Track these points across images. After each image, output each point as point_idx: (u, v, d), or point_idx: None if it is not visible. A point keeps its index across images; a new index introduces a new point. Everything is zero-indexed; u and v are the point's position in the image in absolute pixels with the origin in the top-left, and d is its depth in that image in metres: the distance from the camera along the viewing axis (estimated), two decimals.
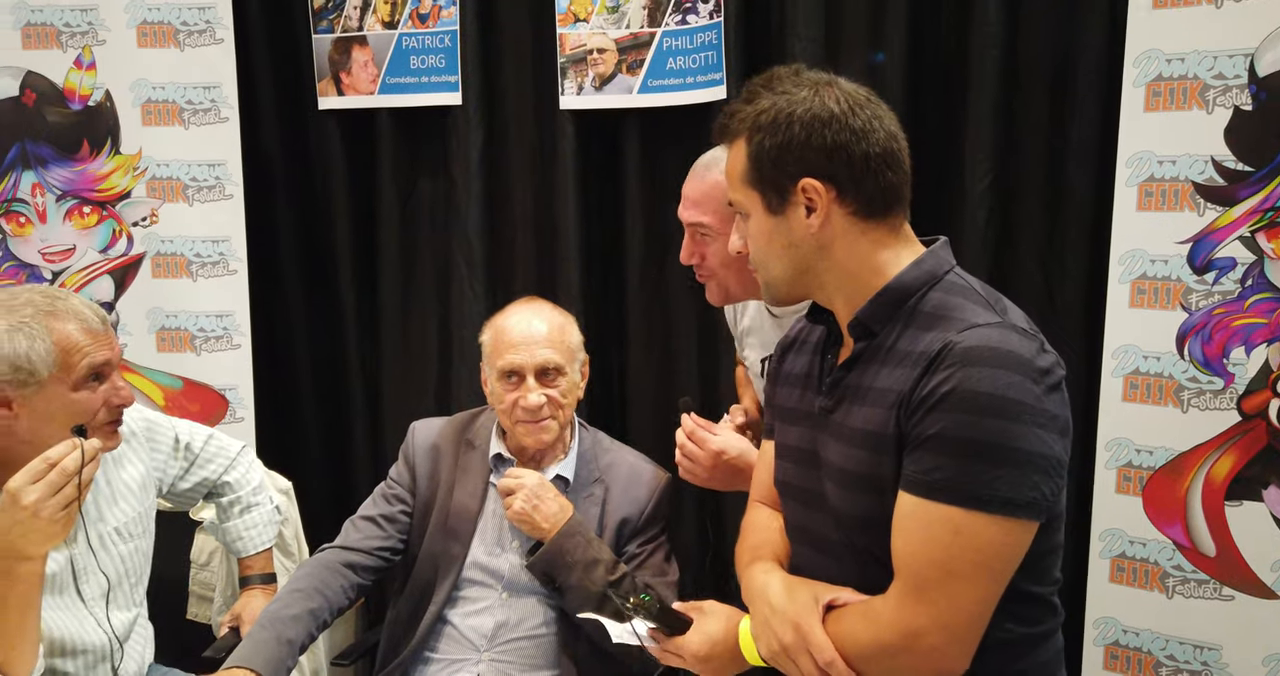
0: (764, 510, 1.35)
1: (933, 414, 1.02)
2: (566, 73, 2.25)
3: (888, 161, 1.10)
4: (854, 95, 1.11)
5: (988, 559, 1.02)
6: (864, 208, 1.10)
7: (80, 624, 1.51)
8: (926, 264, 1.12)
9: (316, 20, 2.38)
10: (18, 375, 1.36)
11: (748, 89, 1.15)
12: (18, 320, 1.37)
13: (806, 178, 1.09)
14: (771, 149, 1.10)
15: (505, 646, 1.68)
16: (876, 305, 1.11)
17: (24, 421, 1.39)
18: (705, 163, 1.54)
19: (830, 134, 1.08)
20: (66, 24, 2.39)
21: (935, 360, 1.03)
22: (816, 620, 1.09)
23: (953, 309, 1.07)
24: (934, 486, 1.02)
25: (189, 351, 2.44)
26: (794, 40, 2.10)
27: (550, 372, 1.68)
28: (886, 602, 1.06)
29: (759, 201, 1.14)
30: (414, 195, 2.47)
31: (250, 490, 1.84)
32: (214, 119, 2.38)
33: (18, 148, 2.45)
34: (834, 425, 1.15)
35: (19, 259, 2.49)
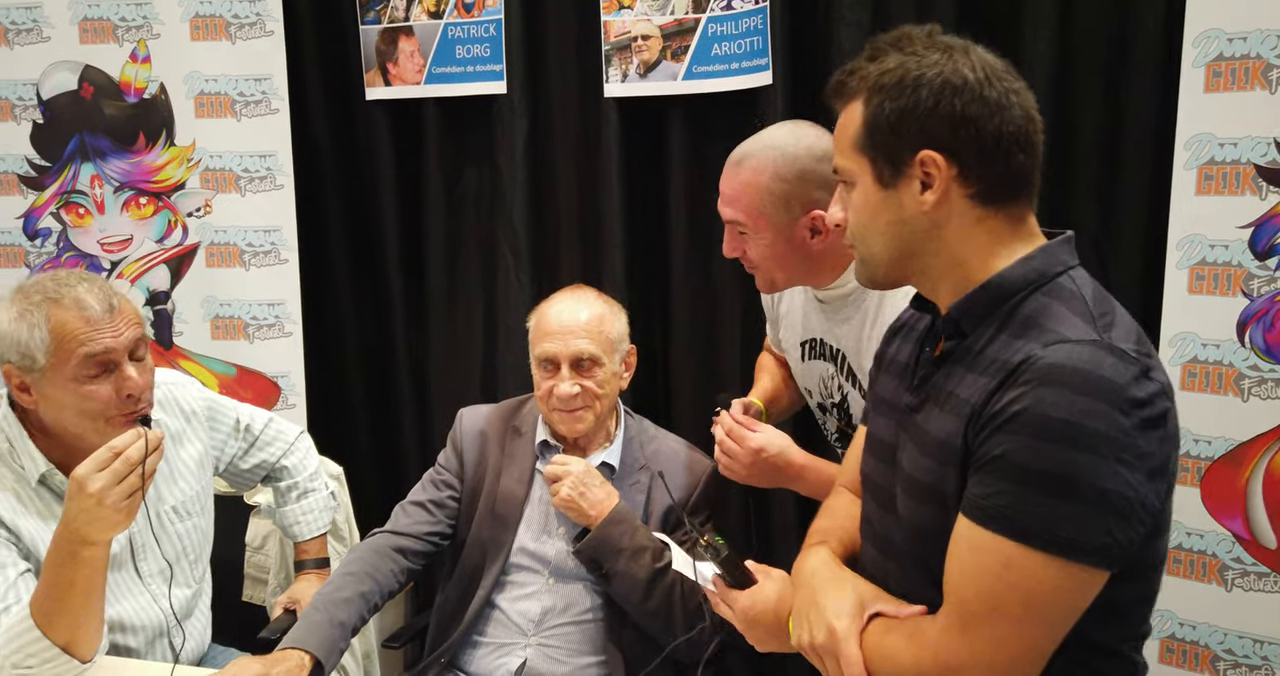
0: (846, 496, 1.29)
1: (999, 434, 0.92)
2: (610, 60, 2.25)
3: (1020, 142, 0.98)
4: (992, 65, 0.99)
5: (1039, 602, 0.92)
6: (986, 190, 0.98)
7: (138, 601, 1.56)
8: (1035, 262, 0.99)
9: (363, 11, 2.40)
10: (24, 361, 1.39)
11: (873, 46, 1.03)
12: (26, 306, 1.39)
13: (927, 149, 0.97)
14: (892, 113, 0.98)
15: (552, 631, 1.70)
16: (971, 302, 1.01)
17: (42, 407, 1.42)
18: (737, 157, 1.51)
19: (960, 103, 0.96)
20: (122, 18, 2.44)
21: (1013, 374, 0.92)
22: (855, 629, 1.03)
23: (1049, 317, 0.96)
24: (989, 513, 0.93)
25: (242, 339, 2.49)
26: (840, 23, 2.07)
27: (585, 363, 1.68)
28: (933, 626, 0.98)
29: (869, 170, 1.02)
30: (460, 184, 2.48)
31: (307, 475, 1.87)
32: (265, 110, 2.41)
33: (77, 140, 2.51)
34: (914, 427, 1.07)
35: (79, 249, 2.56)
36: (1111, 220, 2.01)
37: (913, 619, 1.02)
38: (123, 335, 1.42)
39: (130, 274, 2.51)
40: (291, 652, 1.45)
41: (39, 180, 2.55)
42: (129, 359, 1.43)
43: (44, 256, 2.57)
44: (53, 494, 1.46)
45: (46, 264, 2.57)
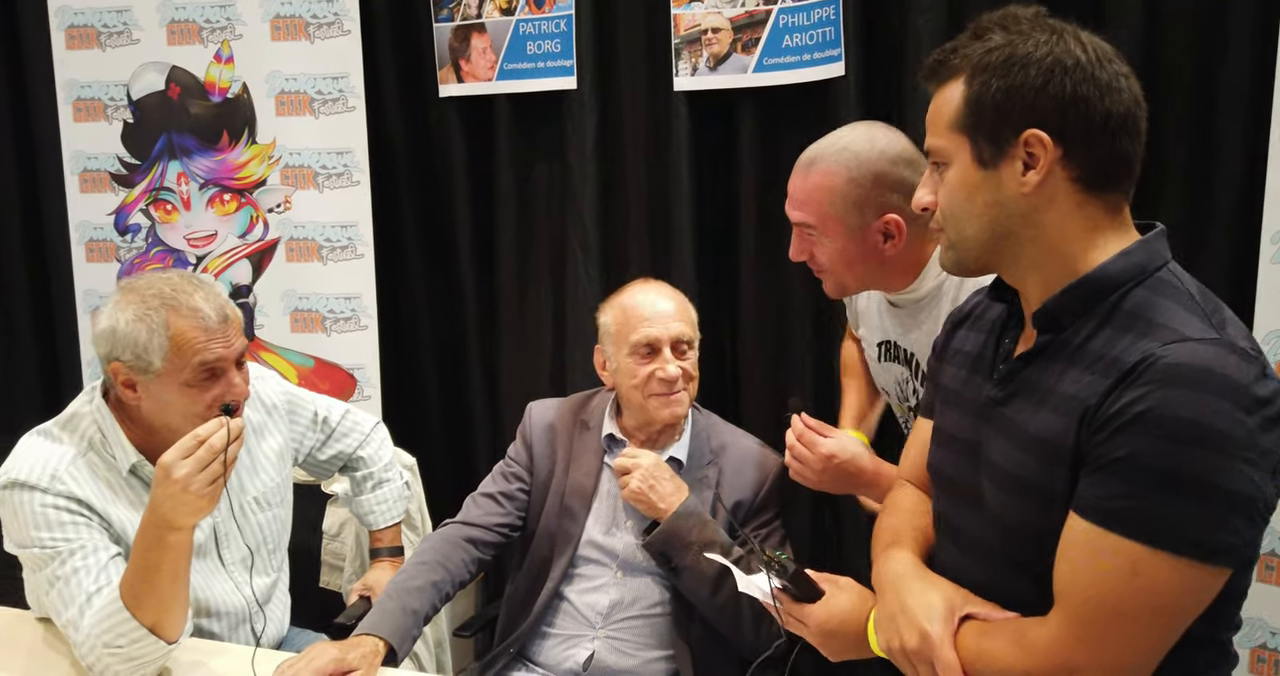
0: (911, 490, 1.26)
1: (1122, 435, 0.90)
2: (680, 54, 2.24)
3: (1127, 127, 0.96)
4: (1101, 47, 0.97)
5: (1166, 604, 0.91)
6: (1089, 175, 0.97)
7: (221, 587, 1.61)
8: (1136, 255, 0.97)
9: (437, 9, 2.43)
10: (138, 362, 1.44)
11: (976, 25, 1.01)
12: (144, 310, 1.44)
13: (1032, 129, 0.96)
14: (998, 92, 0.97)
15: (620, 624, 1.70)
16: (1070, 296, 0.98)
17: (146, 404, 1.47)
18: (808, 159, 1.48)
19: (1071, 83, 0.95)
20: (207, 20, 2.52)
21: (1132, 373, 0.90)
22: (948, 633, 1.01)
23: (1160, 313, 0.94)
24: (1113, 515, 0.91)
25: (320, 332, 2.55)
26: (916, 11, 2.02)
27: (683, 346, 1.71)
28: (1043, 630, 0.96)
29: (968, 150, 1.00)
30: (530, 179, 2.50)
31: (382, 466, 1.91)
32: (342, 108, 2.46)
33: (164, 139, 2.60)
34: (1003, 421, 1.04)
35: (166, 244, 2.65)
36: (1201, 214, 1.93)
37: (1011, 622, 1.01)
38: (233, 345, 1.48)
39: (214, 268, 2.59)
40: (366, 638, 1.49)
41: (129, 178, 2.65)
42: (234, 366, 1.50)
43: (133, 251, 2.68)
44: (142, 483, 1.52)
45: (136, 258, 2.67)
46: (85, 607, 1.38)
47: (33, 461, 1.45)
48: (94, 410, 1.51)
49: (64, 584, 1.40)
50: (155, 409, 1.47)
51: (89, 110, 2.64)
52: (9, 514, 1.44)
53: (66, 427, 1.51)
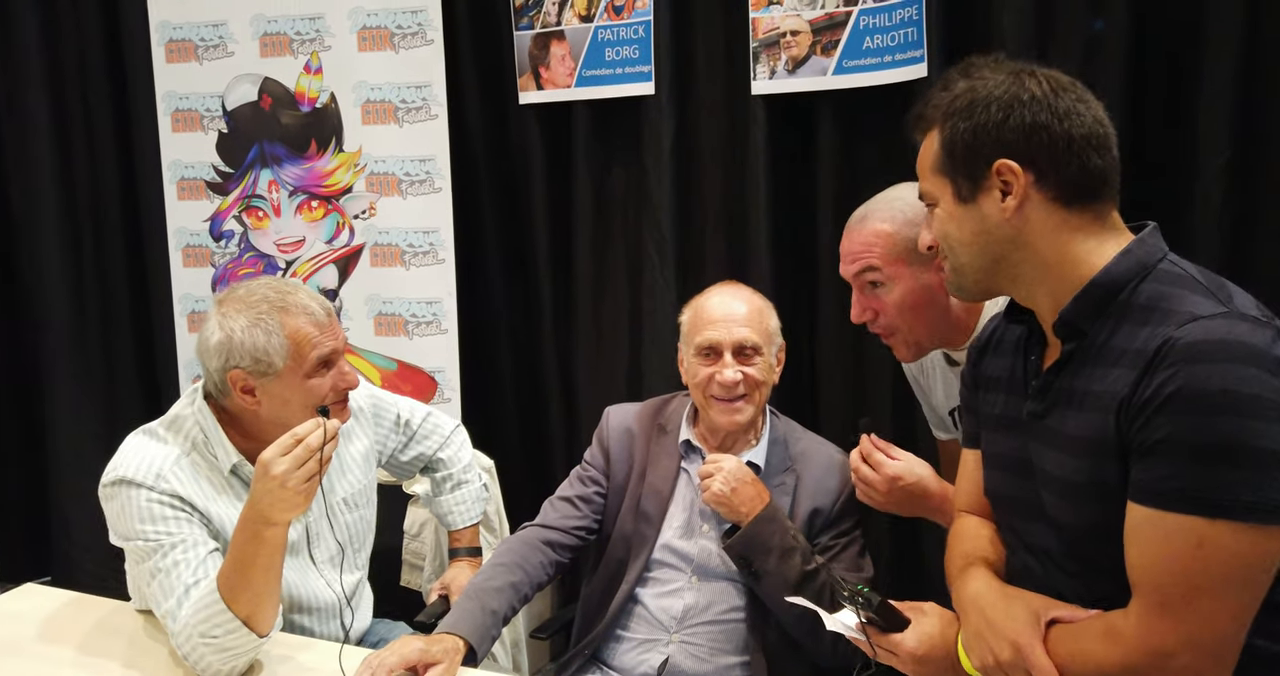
0: (971, 518, 1.30)
1: (1158, 417, 0.95)
2: (759, 57, 2.23)
3: (1093, 144, 1.05)
4: (1057, 79, 1.07)
5: (1237, 571, 0.94)
6: (1065, 193, 1.05)
7: (312, 584, 1.66)
8: (1136, 253, 1.05)
9: (518, 17, 2.47)
10: (258, 366, 1.50)
11: (944, 78, 1.13)
12: (256, 316, 1.50)
13: (1002, 159, 1.05)
14: (965, 132, 1.07)
15: (694, 629, 1.70)
16: (1083, 301, 1.05)
17: (265, 406, 1.53)
18: (859, 216, 1.54)
19: (1028, 114, 1.04)
20: (298, 32, 2.60)
21: (1155, 359, 0.96)
22: (1038, 638, 1.04)
23: (1170, 300, 1.00)
24: (1169, 496, 0.95)
25: (402, 335, 2.61)
26: (1003, 10, 1.98)
27: (747, 351, 1.69)
28: (1128, 620, 0.99)
29: (949, 189, 1.11)
30: (607, 185, 2.51)
31: (461, 467, 1.95)
32: (425, 116, 2.52)
33: (257, 148, 2.70)
34: (1047, 432, 1.09)
35: (258, 250, 2.74)
36: None
37: (1096, 619, 1.03)
38: (340, 336, 1.58)
39: (302, 273, 2.67)
40: (447, 638, 1.51)
41: (223, 186, 2.75)
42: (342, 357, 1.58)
43: (227, 257, 2.78)
44: (241, 483, 1.57)
45: (229, 263, 2.77)
46: (183, 599, 1.43)
47: (139, 460, 1.51)
48: (196, 412, 1.58)
49: (164, 576, 1.46)
50: (275, 408, 1.53)
51: (186, 121, 2.75)
52: (116, 508, 1.50)
53: (171, 428, 1.58)
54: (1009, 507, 1.19)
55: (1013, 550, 1.20)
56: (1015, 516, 1.18)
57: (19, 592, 1.79)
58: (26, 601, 1.74)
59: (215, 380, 1.54)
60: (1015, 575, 1.18)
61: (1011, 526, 1.20)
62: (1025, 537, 1.16)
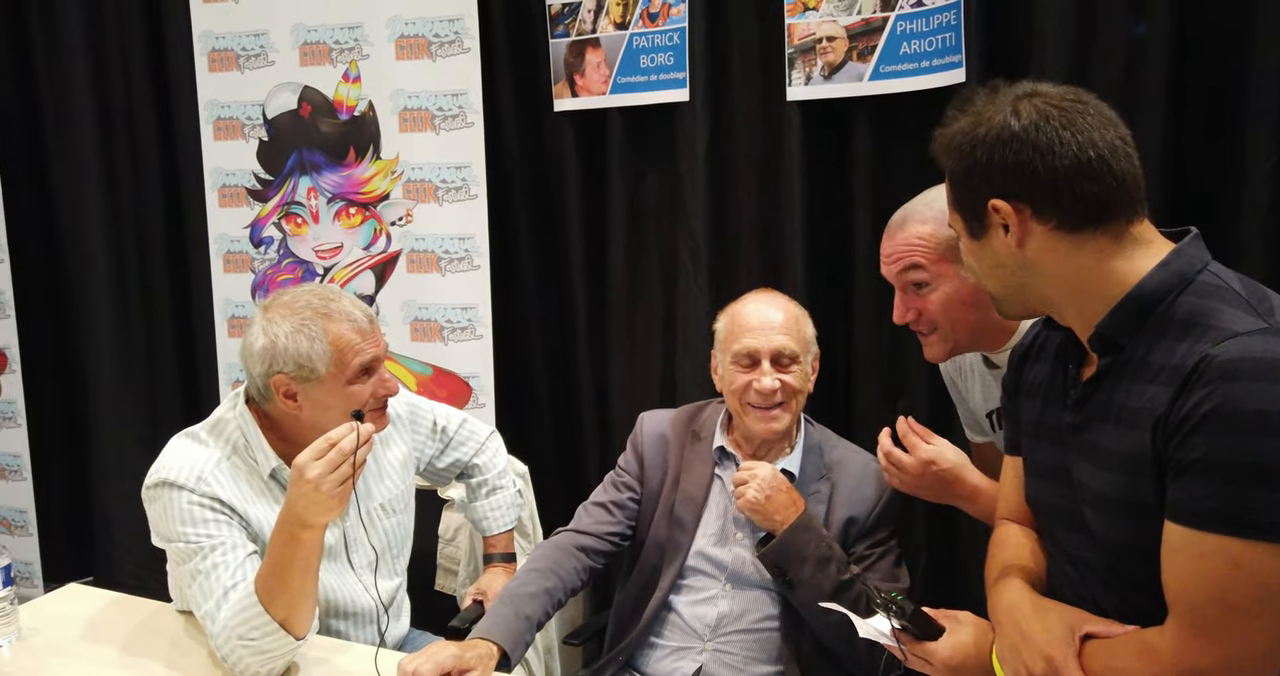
0: (1013, 526, 1.29)
1: (1194, 437, 0.94)
2: (794, 63, 2.22)
3: (1083, 172, 1.03)
4: (1042, 109, 1.05)
5: (1274, 592, 0.93)
6: (1066, 221, 1.05)
7: (350, 589, 1.67)
8: (1174, 265, 1.03)
9: (553, 25, 2.48)
10: (301, 372, 1.52)
11: (948, 111, 1.14)
12: (300, 322, 1.52)
13: (995, 199, 1.07)
14: (960, 173, 1.10)
15: (728, 637, 1.69)
16: (1118, 317, 1.04)
17: (307, 411, 1.55)
18: (899, 219, 1.54)
19: (1010, 153, 1.05)
20: (337, 41, 2.63)
21: (1191, 377, 0.95)
22: (1072, 652, 1.03)
23: (1208, 315, 0.98)
24: (1205, 516, 0.94)
25: (438, 341, 2.63)
26: (1043, 15, 1.96)
27: (784, 359, 1.69)
28: (1164, 638, 0.98)
29: (962, 225, 1.14)
30: (642, 191, 2.52)
31: (496, 473, 1.96)
32: (461, 124, 2.54)
33: (296, 155, 2.73)
34: (1085, 445, 1.08)
35: (296, 256, 2.78)
36: None
37: (1133, 635, 1.02)
38: (381, 344, 1.59)
39: (340, 279, 2.70)
40: (481, 643, 1.52)
41: (263, 193, 2.79)
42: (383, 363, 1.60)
43: (266, 263, 2.81)
44: (280, 486, 1.59)
45: (269, 269, 2.81)
46: (223, 601, 1.45)
47: (181, 462, 1.54)
48: (238, 416, 1.60)
49: (204, 578, 1.48)
50: (316, 413, 1.55)
51: (228, 129, 2.79)
52: (159, 510, 1.53)
53: (213, 432, 1.60)
54: (1050, 516, 1.19)
55: (1054, 559, 1.19)
56: (1057, 525, 1.17)
57: (63, 592, 1.82)
58: (70, 601, 1.78)
59: (258, 385, 1.56)
60: (1056, 584, 1.17)
61: (1053, 535, 1.19)
62: (1066, 547, 1.15)
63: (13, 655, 1.57)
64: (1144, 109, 1.89)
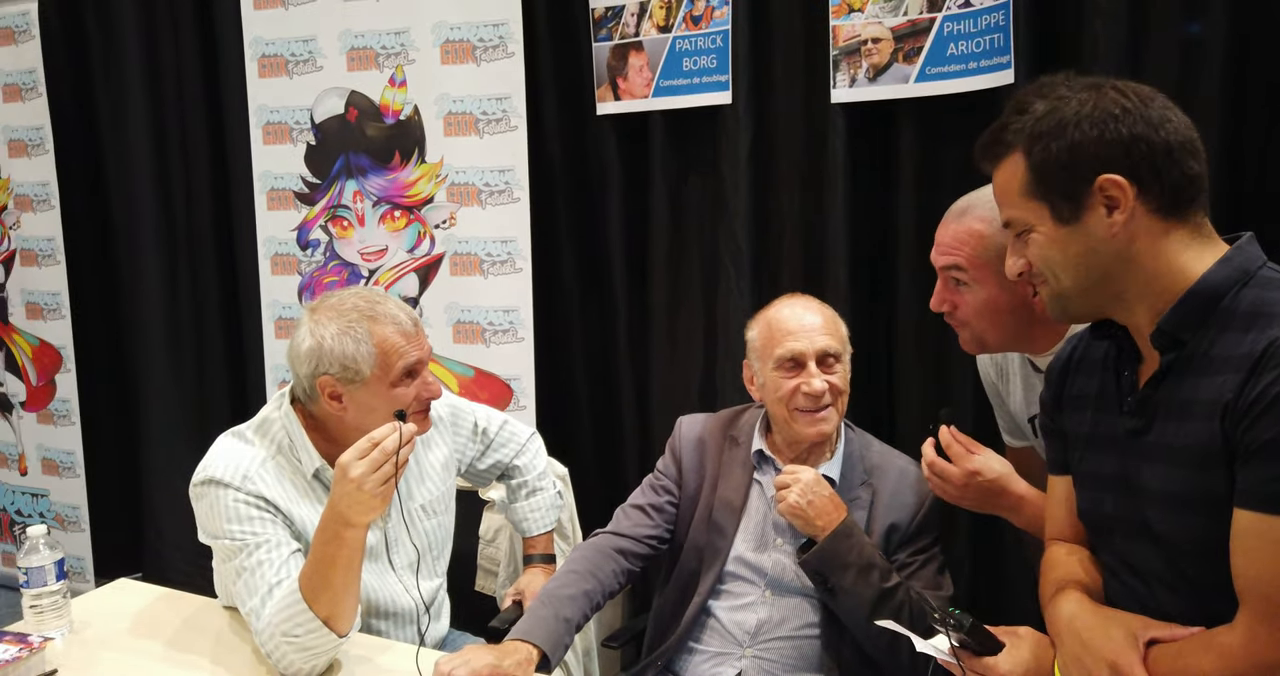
0: (1063, 545, 1.27)
1: (1265, 418, 0.94)
2: (839, 65, 2.20)
3: (1189, 150, 1.04)
4: (1139, 90, 1.06)
5: None
6: (1168, 202, 1.04)
7: (391, 589, 1.69)
8: (1236, 261, 1.04)
9: (596, 29, 2.49)
10: (346, 373, 1.54)
11: (1017, 99, 1.12)
12: (346, 324, 1.54)
13: (1105, 174, 1.04)
14: (1060, 152, 1.06)
15: (768, 644, 1.68)
16: (1183, 311, 1.04)
17: (351, 412, 1.57)
18: (960, 208, 1.49)
19: (1124, 127, 1.03)
20: (383, 47, 2.66)
21: (1261, 360, 0.96)
22: (1136, 658, 1.02)
23: (1273, 305, 1.00)
24: (1275, 499, 0.93)
25: (480, 343, 2.65)
26: (1094, 14, 1.92)
27: (830, 359, 1.68)
28: (1234, 634, 0.96)
29: (1046, 213, 1.09)
30: (684, 194, 2.51)
31: (536, 475, 1.96)
32: (505, 128, 2.55)
33: (343, 159, 2.77)
34: (1148, 446, 1.07)
35: (342, 258, 2.82)
36: None
37: (1201, 636, 1.01)
38: (425, 347, 1.61)
39: (385, 281, 2.74)
40: (520, 644, 1.52)
41: (310, 196, 2.83)
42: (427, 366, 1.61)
43: (313, 265, 2.86)
44: (323, 487, 1.61)
45: (315, 271, 2.85)
46: (267, 598, 1.47)
47: (227, 461, 1.56)
48: (283, 416, 1.62)
49: (249, 575, 1.50)
50: (360, 414, 1.56)
51: (277, 133, 2.84)
52: (206, 507, 1.55)
53: (259, 431, 1.62)
54: (1109, 528, 1.17)
55: (1113, 572, 1.17)
56: (1116, 536, 1.15)
57: (112, 587, 1.86)
58: (119, 596, 1.81)
59: (304, 385, 1.58)
60: (1118, 598, 1.15)
61: (1111, 547, 1.17)
62: (1127, 558, 1.14)
63: (65, 647, 1.60)
64: (1200, 109, 1.84)
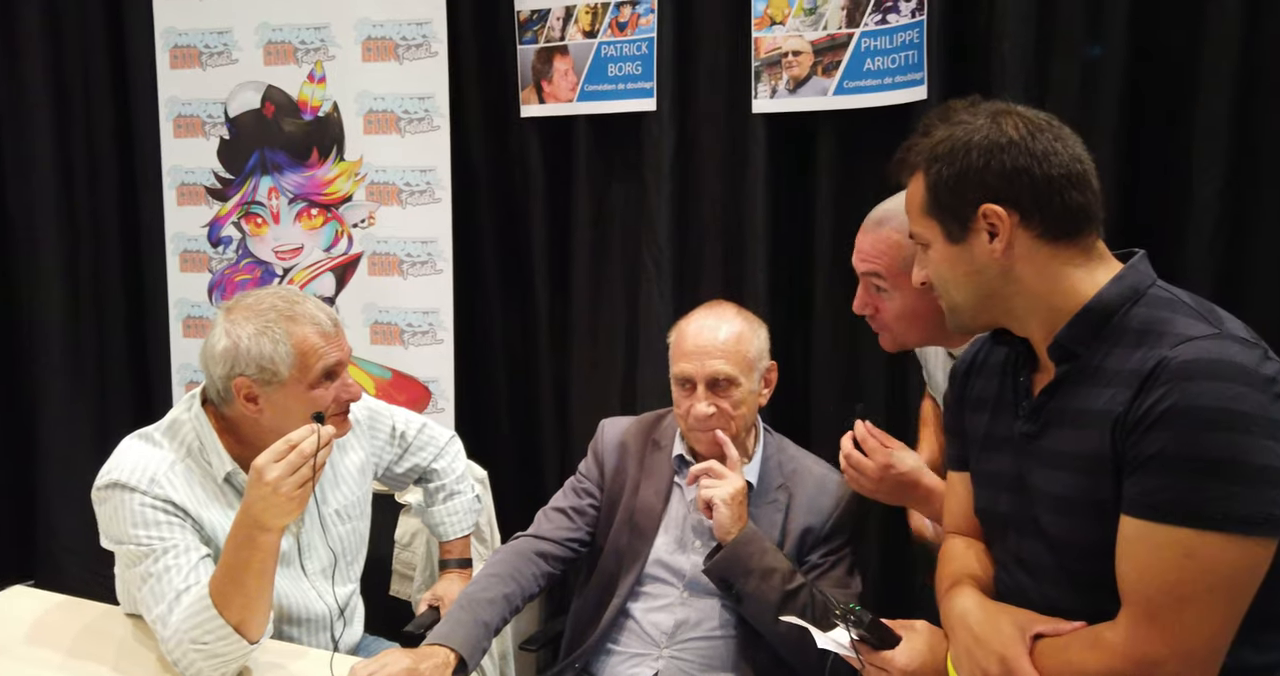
0: (960, 539, 1.32)
1: (1152, 433, 0.98)
2: (760, 76, 2.25)
3: (1072, 182, 1.08)
4: (1033, 121, 1.10)
5: (1225, 581, 0.98)
6: (1050, 230, 1.09)
7: (304, 595, 1.65)
8: (1128, 279, 1.09)
9: (522, 32, 2.48)
10: (262, 375, 1.50)
11: (923, 123, 1.16)
12: (263, 324, 1.50)
13: (987, 203, 1.09)
14: (950, 177, 1.11)
15: (685, 645, 1.70)
16: (1077, 326, 1.09)
17: (267, 414, 1.53)
18: (878, 216, 1.53)
19: (1008, 159, 1.08)
20: (302, 41, 2.61)
21: (1150, 378, 1.00)
22: (1024, 651, 1.07)
23: (1163, 323, 1.04)
24: (1160, 508, 0.98)
25: (398, 345, 2.61)
26: (1002, 36, 2.00)
27: (721, 383, 1.67)
28: (1117, 631, 1.02)
29: (939, 231, 1.14)
30: (607, 199, 2.52)
31: (455, 478, 1.95)
32: (427, 127, 2.53)
33: (257, 155, 2.70)
34: (1041, 451, 1.12)
35: (255, 256, 2.75)
36: None
37: (1085, 631, 1.06)
38: (345, 348, 1.58)
39: (300, 281, 2.68)
40: (438, 649, 1.51)
41: (223, 192, 2.75)
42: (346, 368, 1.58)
43: (224, 262, 2.78)
44: (235, 491, 1.57)
45: (226, 269, 2.77)
46: (174, 604, 1.43)
47: (134, 464, 1.51)
48: (193, 418, 1.57)
49: (155, 581, 1.45)
50: (277, 417, 1.53)
51: (188, 126, 2.76)
52: (109, 511, 1.50)
53: (167, 434, 1.57)
54: (1003, 525, 1.21)
55: (1006, 568, 1.21)
56: (1009, 533, 1.20)
57: (7, 595, 1.78)
58: (14, 604, 1.73)
59: (219, 387, 1.54)
60: (1008, 592, 1.19)
61: (1005, 544, 1.22)
62: (1019, 554, 1.18)
63: None
64: (1099, 129, 1.94)
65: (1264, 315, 1.88)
